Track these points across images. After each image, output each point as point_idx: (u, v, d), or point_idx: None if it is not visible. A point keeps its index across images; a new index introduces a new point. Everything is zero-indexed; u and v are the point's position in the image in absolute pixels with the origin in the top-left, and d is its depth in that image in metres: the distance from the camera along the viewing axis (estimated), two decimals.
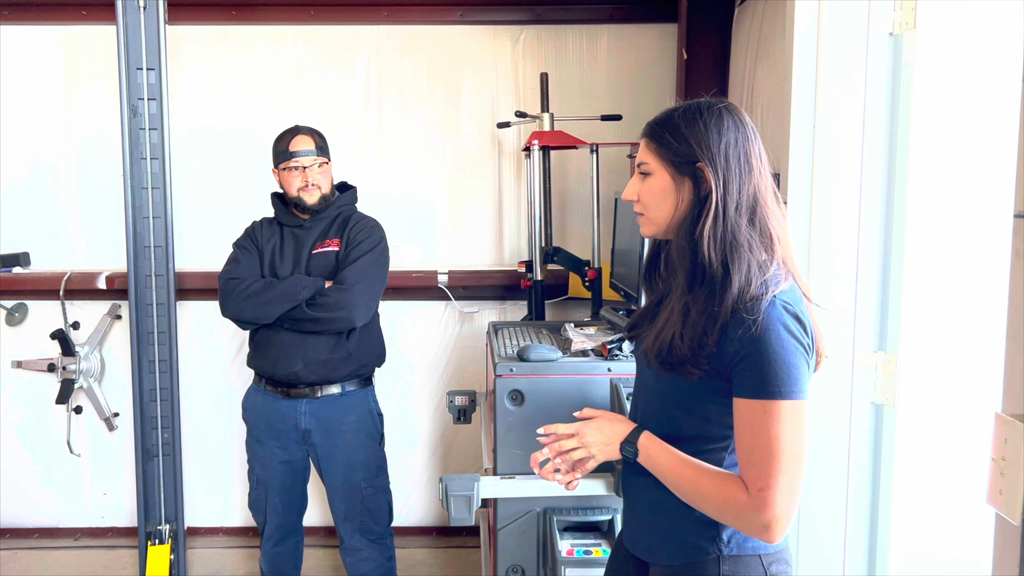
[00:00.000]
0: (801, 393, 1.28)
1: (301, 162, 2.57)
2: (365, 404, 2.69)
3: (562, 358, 2.24)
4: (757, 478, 1.27)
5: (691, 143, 1.35)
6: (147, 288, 3.14)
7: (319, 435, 2.62)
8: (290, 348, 2.56)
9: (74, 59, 3.47)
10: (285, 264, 2.61)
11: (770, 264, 1.33)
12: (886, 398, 1.94)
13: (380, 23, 3.46)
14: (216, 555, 3.55)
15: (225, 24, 3.46)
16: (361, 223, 2.64)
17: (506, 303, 3.57)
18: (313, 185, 2.57)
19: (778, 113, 2.32)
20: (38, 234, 3.54)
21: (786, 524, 1.28)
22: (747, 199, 1.34)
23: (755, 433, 1.28)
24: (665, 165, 1.39)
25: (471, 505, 2.07)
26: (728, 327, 1.29)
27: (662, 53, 3.47)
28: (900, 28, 1.89)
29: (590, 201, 3.21)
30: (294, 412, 2.61)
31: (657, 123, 1.41)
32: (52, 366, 3.47)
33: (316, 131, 2.64)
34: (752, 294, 1.28)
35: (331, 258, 2.59)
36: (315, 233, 2.63)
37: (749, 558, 1.38)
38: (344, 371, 2.60)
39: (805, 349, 1.30)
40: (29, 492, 3.67)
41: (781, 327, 1.27)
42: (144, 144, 3.07)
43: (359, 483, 2.66)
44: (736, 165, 1.33)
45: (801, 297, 1.35)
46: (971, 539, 1.89)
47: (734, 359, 1.29)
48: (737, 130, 1.35)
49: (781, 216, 1.38)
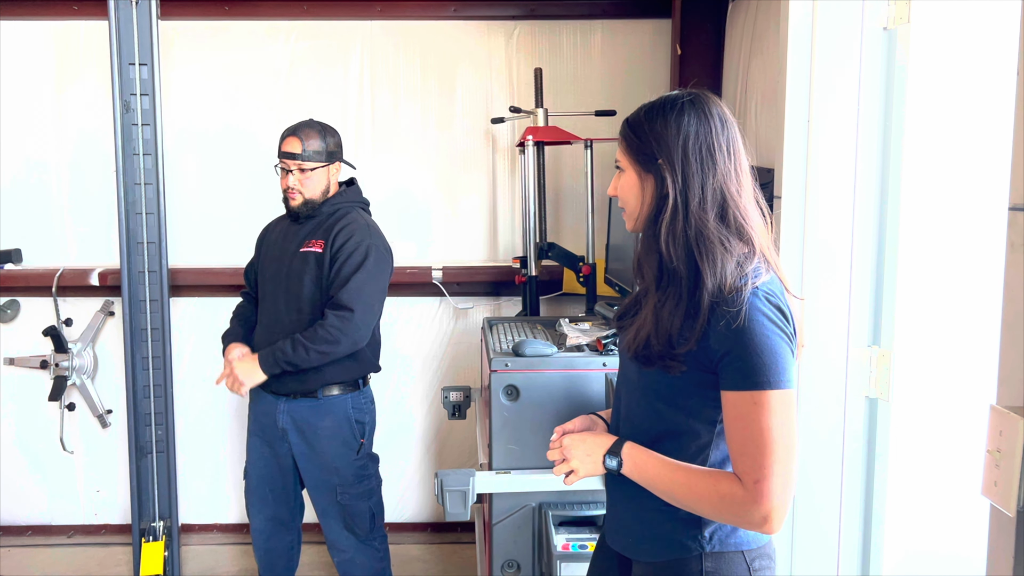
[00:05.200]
0: (789, 382, 1.27)
1: (286, 165, 2.54)
2: (343, 410, 2.59)
3: (557, 353, 2.24)
4: (752, 470, 1.27)
5: (651, 139, 1.35)
6: (140, 284, 3.13)
7: (293, 435, 2.59)
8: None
9: (66, 55, 3.45)
10: (271, 264, 2.61)
11: (751, 257, 1.32)
12: (880, 392, 1.95)
13: (374, 18, 3.45)
14: (210, 552, 3.55)
15: (218, 19, 3.44)
16: (345, 230, 2.52)
17: (501, 299, 3.57)
18: (294, 190, 2.53)
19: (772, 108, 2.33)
20: (30, 230, 3.52)
21: (784, 514, 1.28)
22: (712, 193, 1.33)
23: (746, 425, 1.27)
24: (632, 162, 1.40)
25: (466, 500, 2.07)
26: (710, 321, 1.29)
27: (656, 49, 3.47)
28: (894, 23, 1.89)
29: (584, 197, 3.22)
30: (273, 410, 2.60)
31: (627, 120, 1.42)
32: (45, 363, 3.46)
33: (314, 132, 2.54)
34: (732, 286, 1.28)
35: (310, 260, 2.53)
36: (305, 231, 2.59)
37: (732, 554, 1.38)
38: (316, 382, 2.54)
39: (789, 338, 1.29)
40: (22, 489, 3.65)
41: (764, 317, 1.27)
42: (137, 140, 3.06)
43: (335, 488, 2.60)
44: (696, 160, 1.33)
45: (782, 288, 1.35)
46: (965, 532, 1.90)
47: (719, 352, 1.29)
48: (700, 123, 1.34)
49: (756, 209, 1.37)
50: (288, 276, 2.55)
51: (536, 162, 3.20)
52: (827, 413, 2.00)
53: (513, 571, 2.24)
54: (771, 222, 1.40)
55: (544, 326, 2.71)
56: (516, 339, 2.37)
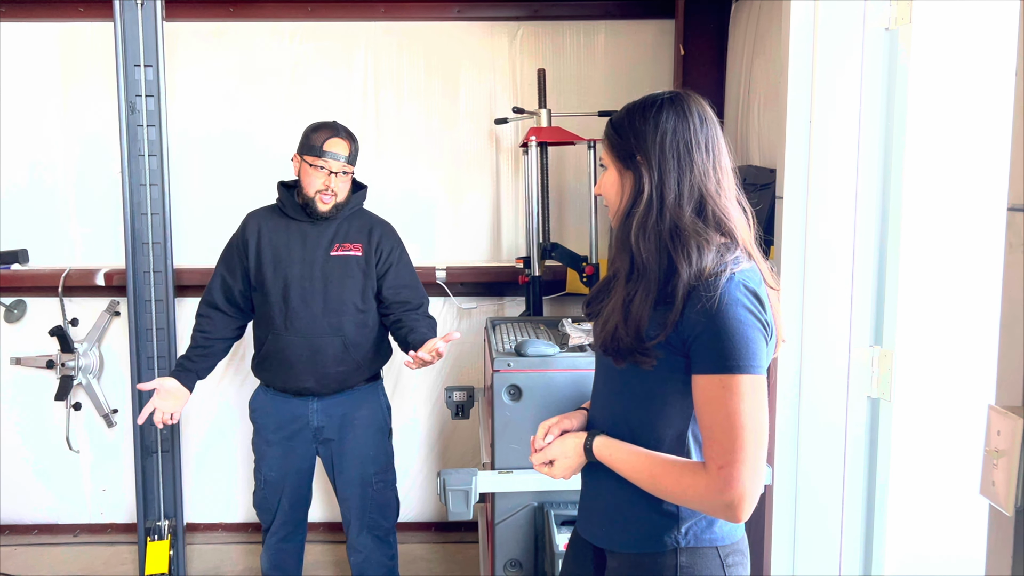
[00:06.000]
0: (760, 368, 1.27)
1: (329, 165, 2.47)
2: (375, 398, 2.68)
3: (559, 353, 2.24)
4: (718, 455, 1.26)
5: (630, 137, 1.37)
6: (146, 284, 3.14)
7: (331, 431, 2.61)
8: (297, 365, 2.53)
9: (72, 56, 3.47)
10: (294, 265, 2.52)
11: (732, 247, 1.33)
12: (882, 392, 1.95)
13: (377, 19, 3.46)
14: (215, 551, 3.56)
15: (223, 21, 3.45)
16: (387, 233, 2.62)
17: (504, 299, 3.58)
18: (332, 193, 2.49)
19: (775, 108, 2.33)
20: (36, 231, 3.54)
21: (751, 503, 1.27)
22: (690, 190, 1.34)
23: (715, 410, 1.27)
24: (613, 159, 1.42)
25: (469, 499, 2.08)
26: (685, 306, 1.29)
27: (659, 49, 3.48)
28: (896, 23, 1.90)
29: (587, 197, 3.22)
30: (305, 410, 2.60)
31: (610, 119, 1.44)
32: (51, 363, 3.48)
33: (353, 136, 2.56)
34: (711, 271, 1.29)
35: (351, 263, 2.53)
36: (329, 232, 2.55)
37: (706, 550, 1.39)
38: (357, 379, 2.61)
39: (763, 325, 1.29)
40: (28, 488, 3.67)
41: (738, 303, 1.27)
42: (142, 141, 3.07)
43: (370, 477, 2.65)
44: (672, 156, 1.34)
45: (760, 279, 1.35)
46: (966, 533, 1.90)
47: (691, 334, 1.29)
48: (678, 121, 1.35)
49: (737, 206, 1.38)
50: (325, 279, 2.52)
51: (539, 162, 3.20)
52: (829, 413, 2.00)
53: (515, 570, 2.25)
54: (753, 222, 1.41)
55: (547, 326, 2.72)
56: (519, 339, 2.38)
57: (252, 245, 2.57)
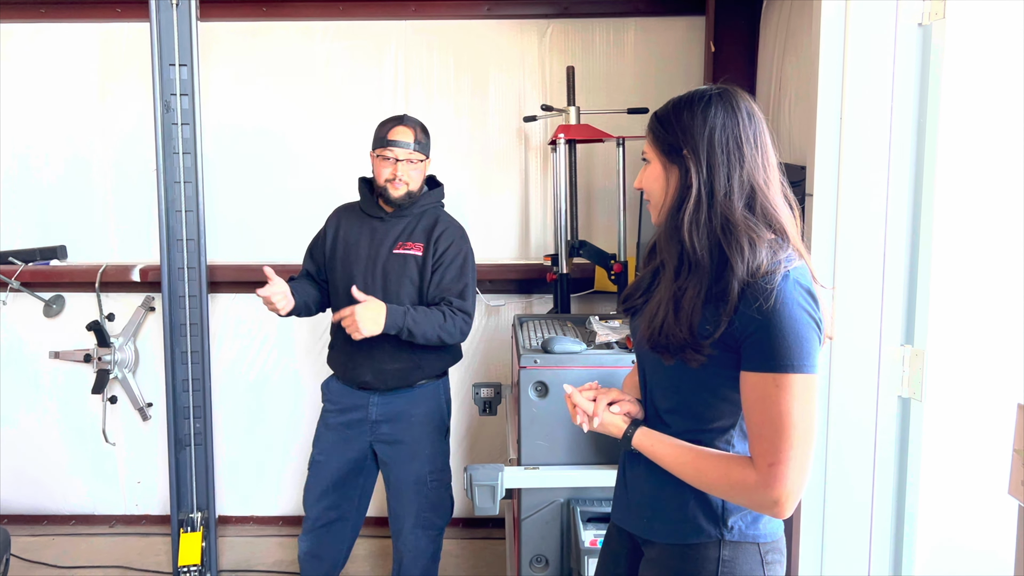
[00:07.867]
0: (813, 367, 1.27)
1: (395, 153, 2.50)
2: (435, 397, 2.65)
3: (586, 350, 2.25)
4: (767, 453, 1.27)
5: (677, 131, 1.37)
6: (179, 280, 3.19)
7: (387, 426, 2.60)
8: (356, 356, 2.54)
9: (109, 56, 3.54)
10: (359, 261, 2.55)
11: (784, 245, 1.33)
12: (913, 392, 1.93)
13: (408, 18, 3.49)
14: (246, 543, 3.62)
15: (256, 20, 3.50)
16: (448, 231, 2.57)
17: (532, 296, 3.59)
18: (401, 180, 2.51)
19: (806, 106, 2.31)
20: (75, 227, 3.63)
21: (795, 499, 1.28)
22: (740, 185, 1.33)
23: (766, 408, 1.27)
24: (658, 153, 1.42)
25: (495, 495, 2.09)
26: (739, 304, 1.28)
27: (690, 46, 3.46)
28: (929, 19, 1.87)
29: (616, 194, 3.22)
30: (365, 403, 2.60)
31: (655, 113, 1.44)
32: (88, 357, 3.55)
33: (421, 125, 2.59)
34: (765, 270, 1.28)
35: (410, 262, 2.53)
36: (396, 230, 2.56)
37: (748, 545, 1.39)
38: (417, 376, 2.59)
39: (817, 324, 1.29)
40: (66, 480, 3.76)
41: (794, 301, 1.27)
42: (176, 139, 3.12)
43: (424, 476, 2.62)
44: (722, 152, 1.33)
45: (811, 278, 1.35)
46: (997, 533, 1.87)
47: (745, 331, 1.29)
48: (727, 116, 1.34)
49: (785, 203, 1.37)
50: (385, 276, 2.53)
51: (568, 160, 3.20)
52: (859, 412, 1.98)
53: (541, 566, 2.25)
54: (799, 218, 1.40)
55: (574, 323, 2.72)
56: (546, 336, 2.39)
57: (329, 238, 2.64)
